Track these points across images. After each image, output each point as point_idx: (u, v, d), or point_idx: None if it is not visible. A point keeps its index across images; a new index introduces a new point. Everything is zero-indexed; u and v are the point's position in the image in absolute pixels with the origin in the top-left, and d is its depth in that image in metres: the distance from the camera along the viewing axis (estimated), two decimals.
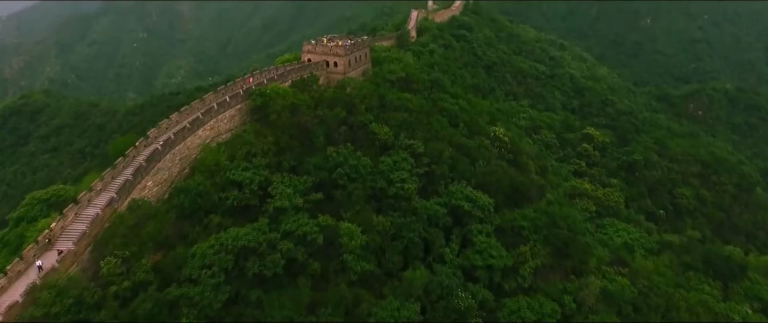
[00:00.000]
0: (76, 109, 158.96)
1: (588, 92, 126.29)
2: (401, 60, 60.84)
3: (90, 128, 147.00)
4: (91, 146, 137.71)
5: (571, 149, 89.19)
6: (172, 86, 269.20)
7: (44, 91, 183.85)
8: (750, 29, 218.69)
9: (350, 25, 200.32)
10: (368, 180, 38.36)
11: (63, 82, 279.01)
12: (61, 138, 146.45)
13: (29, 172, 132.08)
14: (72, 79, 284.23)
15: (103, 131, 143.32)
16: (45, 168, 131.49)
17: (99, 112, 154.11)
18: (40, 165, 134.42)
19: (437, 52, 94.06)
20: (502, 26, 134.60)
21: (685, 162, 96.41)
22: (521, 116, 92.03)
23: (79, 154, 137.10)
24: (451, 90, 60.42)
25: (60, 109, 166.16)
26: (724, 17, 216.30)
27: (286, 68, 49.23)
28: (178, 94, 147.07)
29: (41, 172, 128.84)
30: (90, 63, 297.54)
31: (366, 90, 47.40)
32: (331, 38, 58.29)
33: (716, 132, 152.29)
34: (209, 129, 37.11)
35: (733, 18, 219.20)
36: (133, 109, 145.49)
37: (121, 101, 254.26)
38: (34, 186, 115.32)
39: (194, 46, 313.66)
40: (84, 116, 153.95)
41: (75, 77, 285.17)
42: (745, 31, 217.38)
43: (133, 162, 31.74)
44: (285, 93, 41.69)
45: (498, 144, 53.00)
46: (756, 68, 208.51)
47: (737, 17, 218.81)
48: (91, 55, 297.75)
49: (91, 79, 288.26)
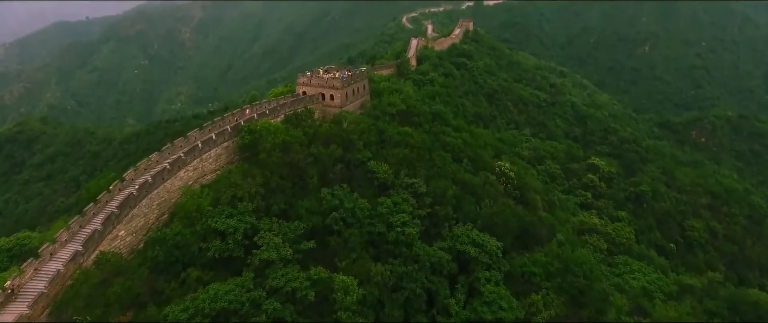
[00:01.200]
0: (72, 136, 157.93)
1: (590, 120, 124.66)
2: (401, 91, 58.43)
3: (85, 156, 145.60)
4: (86, 174, 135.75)
5: (576, 180, 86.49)
6: (172, 112, 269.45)
7: (41, 118, 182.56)
8: (748, 57, 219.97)
9: (350, 52, 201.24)
10: (366, 224, 35.01)
11: (63, 108, 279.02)
12: (55, 166, 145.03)
13: (22, 201, 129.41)
14: (72, 105, 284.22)
15: (98, 159, 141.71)
16: (38, 197, 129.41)
17: (95, 140, 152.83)
18: (34, 193, 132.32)
19: (438, 81, 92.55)
20: (503, 54, 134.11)
21: (693, 193, 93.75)
22: (524, 146, 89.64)
23: (73, 182, 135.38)
24: (454, 122, 57.65)
25: (56, 136, 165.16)
26: (721, 45, 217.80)
27: (278, 102, 46.31)
28: (175, 122, 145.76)
29: (34, 201, 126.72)
30: (91, 89, 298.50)
31: (364, 124, 44.80)
32: (327, 69, 55.87)
33: (720, 159, 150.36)
34: (192, 170, 34.02)
35: (730, 46, 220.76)
36: (129, 137, 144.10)
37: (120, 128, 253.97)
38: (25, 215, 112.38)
39: (195, 73, 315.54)
40: (79, 144, 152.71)
41: (75, 103, 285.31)
42: (742, 59, 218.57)
43: (105, 209, 28.62)
44: (276, 129, 38.73)
45: (504, 179, 50.02)
46: (756, 95, 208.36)
47: (734, 45, 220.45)
48: (92, 81, 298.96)
49: (92, 106, 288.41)
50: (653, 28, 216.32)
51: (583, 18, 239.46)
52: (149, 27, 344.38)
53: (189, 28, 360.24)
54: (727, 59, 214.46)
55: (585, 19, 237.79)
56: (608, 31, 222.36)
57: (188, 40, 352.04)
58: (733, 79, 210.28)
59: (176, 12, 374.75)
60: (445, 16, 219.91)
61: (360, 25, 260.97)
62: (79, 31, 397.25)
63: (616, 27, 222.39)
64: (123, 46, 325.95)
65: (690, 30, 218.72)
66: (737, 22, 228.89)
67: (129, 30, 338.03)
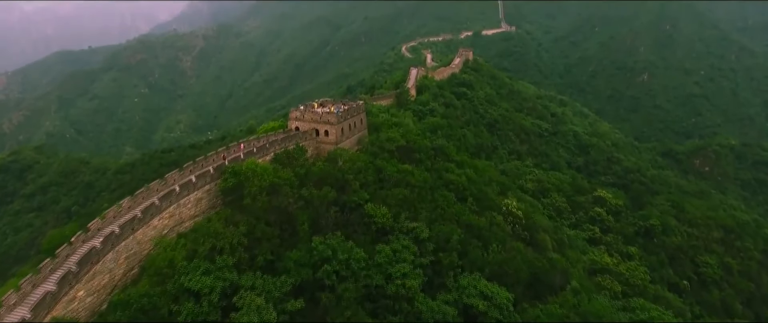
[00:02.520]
0: (66, 166, 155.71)
1: (593, 149, 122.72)
2: (401, 124, 55.68)
3: (78, 186, 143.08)
4: (78, 205, 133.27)
5: (583, 213, 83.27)
6: (171, 140, 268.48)
7: (35, 147, 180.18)
8: (746, 85, 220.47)
9: (349, 81, 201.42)
10: (362, 277, 31.29)
11: (61, 136, 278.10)
12: (47, 196, 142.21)
13: (11, 232, 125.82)
14: (71, 133, 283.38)
15: (91, 189, 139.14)
16: (28, 228, 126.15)
17: (89, 170, 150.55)
18: (24, 224, 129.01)
19: (438, 111, 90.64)
20: (503, 83, 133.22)
21: (705, 226, 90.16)
22: (528, 178, 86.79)
23: (64, 214, 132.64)
24: (457, 157, 54.59)
25: (49, 165, 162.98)
26: (719, 73, 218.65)
27: (268, 139, 43.31)
28: (171, 151, 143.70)
29: (24, 232, 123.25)
30: (90, 117, 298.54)
31: (361, 162, 41.59)
32: (322, 103, 53.02)
33: (725, 189, 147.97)
34: (168, 217, 30.55)
35: (728, 74, 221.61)
36: (123, 167, 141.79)
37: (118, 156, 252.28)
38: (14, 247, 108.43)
39: (195, 101, 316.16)
40: (73, 174, 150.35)
41: (74, 131, 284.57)
42: (741, 87, 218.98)
43: (64, 265, 25.19)
44: (264, 171, 35.28)
45: (511, 219, 46.64)
46: (756, 123, 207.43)
47: (732, 74, 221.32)
48: (91, 109, 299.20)
49: (90, 134, 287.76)
50: (651, 57, 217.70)
51: (581, 47, 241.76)
52: (151, 56, 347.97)
53: (190, 57, 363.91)
54: (726, 87, 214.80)
55: (582, 48, 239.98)
56: (606, 61, 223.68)
57: (189, 68, 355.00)
58: (732, 107, 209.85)
59: (177, 41, 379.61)
60: (443, 45, 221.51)
61: (359, 54, 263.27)
62: (81, 60, 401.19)
63: (613, 56, 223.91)
64: (124, 74, 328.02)
65: (687, 59, 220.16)
66: (734, 51, 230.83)
67: (130, 59, 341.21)
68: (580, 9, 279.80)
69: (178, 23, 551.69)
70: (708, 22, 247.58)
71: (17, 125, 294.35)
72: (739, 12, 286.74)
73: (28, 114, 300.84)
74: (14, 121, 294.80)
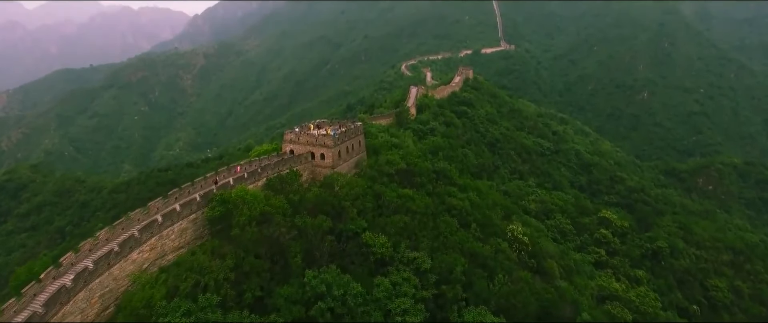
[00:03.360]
0: (61, 185, 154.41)
1: (595, 168, 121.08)
2: (401, 146, 53.80)
3: (73, 206, 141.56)
4: (72, 225, 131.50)
5: (588, 236, 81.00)
6: (170, 158, 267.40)
7: (32, 165, 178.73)
8: (746, 104, 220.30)
9: (349, 99, 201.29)
10: (359, 314, 28.87)
11: (60, 154, 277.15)
12: (41, 216, 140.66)
13: (3, 253, 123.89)
14: (69, 151, 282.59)
15: (86, 209, 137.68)
16: (20, 249, 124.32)
17: (84, 189, 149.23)
18: (16, 245, 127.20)
19: (439, 130, 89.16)
20: (503, 102, 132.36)
21: (714, 249, 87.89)
22: (531, 199, 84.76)
23: (58, 234, 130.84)
24: (459, 181, 52.53)
25: (45, 184, 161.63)
26: (719, 92, 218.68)
27: (260, 163, 41.20)
28: (168, 170, 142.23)
29: (16, 252, 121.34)
30: (89, 135, 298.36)
31: (359, 188, 39.41)
32: (318, 124, 50.90)
33: (730, 208, 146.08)
34: (148, 249, 28.18)
35: (728, 92, 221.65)
36: (119, 186, 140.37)
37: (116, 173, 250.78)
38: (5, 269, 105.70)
39: (194, 119, 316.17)
40: (68, 193, 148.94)
41: (73, 149, 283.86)
42: (741, 105, 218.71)
43: (30, 306, 22.94)
44: (254, 198, 33.12)
45: (517, 246, 44.37)
46: (758, 141, 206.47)
47: (732, 92, 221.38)
48: (90, 127, 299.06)
49: (89, 151, 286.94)
50: (650, 75, 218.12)
51: (580, 66, 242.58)
52: (151, 74, 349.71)
53: (191, 75, 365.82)
54: (726, 105, 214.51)
55: (581, 67, 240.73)
56: (606, 79, 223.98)
57: (189, 86, 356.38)
58: (733, 125, 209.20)
59: (178, 59, 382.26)
60: (443, 63, 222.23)
61: (359, 72, 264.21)
62: (83, 78, 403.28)
63: (613, 75, 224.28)
64: (124, 92, 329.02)
65: (687, 77, 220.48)
66: (733, 70, 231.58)
67: (131, 77, 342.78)
68: (578, 28, 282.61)
69: (180, 42, 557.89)
70: (706, 42, 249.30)
71: (16, 143, 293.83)
72: (736, 32, 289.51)
73: (27, 132, 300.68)
74: (13, 139, 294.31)
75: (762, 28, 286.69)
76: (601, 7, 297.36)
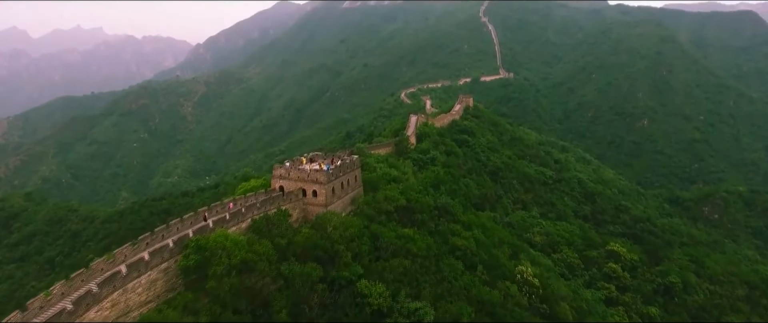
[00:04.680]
0: (53, 214, 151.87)
1: (599, 197, 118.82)
2: (400, 180, 51.45)
3: (64, 235, 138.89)
4: (62, 256, 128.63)
5: (596, 270, 77.97)
6: (168, 185, 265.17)
7: (25, 193, 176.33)
8: (746, 130, 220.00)
9: (348, 127, 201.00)
10: None
11: (57, 181, 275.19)
12: (31, 246, 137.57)
13: None
14: (67, 178, 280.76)
15: (77, 239, 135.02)
16: (8, 280, 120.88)
17: (77, 218, 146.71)
18: (4, 276, 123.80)
19: (439, 160, 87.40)
20: (504, 130, 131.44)
21: (728, 283, 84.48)
22: (535, 231, 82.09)
23: (47, 265, 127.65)
24: (463, 217, 49.94)
25: (37, 213, 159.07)
26: (719, 119, 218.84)
27: (245, 202, 38.13)
28: (162, 200, 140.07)
29: (4, 284, 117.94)
30: (87, 162, 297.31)
31: (354, 229, 36.26)
32: (311, 157, 47.96)
33: (737, 237, 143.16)
34: (109, 306, 24.43)
35: (728, 119, 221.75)
36: (112, 216, 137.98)
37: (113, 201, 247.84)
38: None
39: (194, 146, 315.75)
40: (60, 222, 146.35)
41: (70, 176, 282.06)
42: (742, 133, 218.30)
43: None
44: (235, 244, 29.57)
45: (527, 289, 41.54)
46: (761, 169, 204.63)
47: (732, 119, 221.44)
48: (89, 154, 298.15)
49: (87, 179, 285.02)
50: (649, 102, 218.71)
51: (578, 93, 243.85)
52: (152, 101, 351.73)
53: (191, 102, 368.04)
54: (727, 133, 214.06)
55: (580, 94, 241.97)
56: (605, 106, 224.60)
57: (190, 114, 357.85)
58: (735, 152, 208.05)
59: (179, 87, 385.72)
60: (442, 91, 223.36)
61: (358, 100, 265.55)
62: (84, 105, 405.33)
63: (612, 102, 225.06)
64: (124, 119, 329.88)
65: (686, 105, 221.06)
66: (732, 97, 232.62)
67: (132, 104, 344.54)
68: (576, 56, 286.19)
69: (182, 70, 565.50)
70: (704, 69, 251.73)
71: (13, 170, 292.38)
72: (732, 60, 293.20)
73: (25, 159, 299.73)
74: (11, 166, 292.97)
75: (757, 56, 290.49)
76: (597, 36, 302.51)
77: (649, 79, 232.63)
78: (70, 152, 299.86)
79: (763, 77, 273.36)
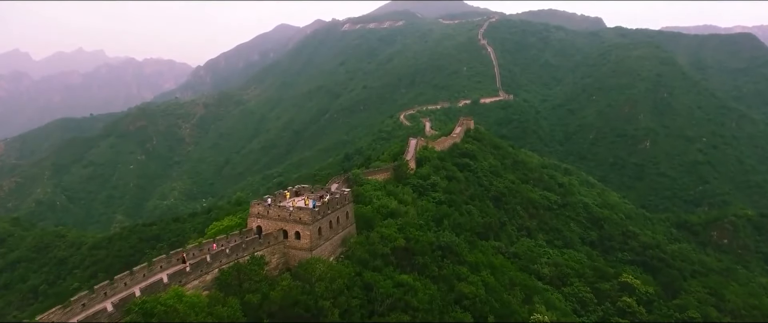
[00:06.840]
0: (40, 240, 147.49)
1: (606, 223, 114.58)
2: (398, 213, 47.06)
3: (50, 262, 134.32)
4: (46, 284, 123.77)
5: (610, 304, 73.05)
6: (164, 208, 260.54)
7: (13, 218, 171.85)
8: (750, 152, 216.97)
9: (347, 148, 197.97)
10: None
11: (51, 203, 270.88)
12: (15, 273, 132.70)
13: None
14: (61, 200, 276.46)
15: (63, 266, 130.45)
16: None
17: (64, 244, 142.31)
18: None
19: (440, 185, 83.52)
20: (507, 153, 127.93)
21: (750, 317, 79.47)
22: (543, 261, 77.59)
23: (31, 293, 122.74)
24: (470, 258, 45.05)
25: (23, 239, 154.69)
26: (722, 140, 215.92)
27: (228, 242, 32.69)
28: (153, 225, 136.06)
29: None
30: (83, 184, 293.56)
31: (343, 279, 30.94)
32: (297, 190, 42.18)
33: (748, 263, 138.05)
34: None
35: (731, 141, 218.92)
36: (100, 242, 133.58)
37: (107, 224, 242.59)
38: None
39: (191, 168, 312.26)
40: (46, 249, 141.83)
41: (65, 199, 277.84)
42: (745, 154, 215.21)
43: None
44: (191, 307, 23.90)
45: None
46: (766, 191, 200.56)
47: (735, 140, 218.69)
48: (85, 176, 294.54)
49: (82, 201, 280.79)
50: (651, 124, 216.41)
51: (579, 115, 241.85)
52: (150, 123, 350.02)
53: (189, 124, 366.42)
54: (731, 155, 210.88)
55: (580, 116, 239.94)
56: (606, 128, 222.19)
57: (188, 135, 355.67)
58: (739, 174, 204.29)
59: (178, 109, 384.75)
60: (442, 113, 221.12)
61: (357, 121, 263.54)
62: (82, 127, 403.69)
63: (613, 124, 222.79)
64: (122, 141, 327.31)
65: (688, 126, 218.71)
66: (734, 119, 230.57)
67: (130, 126, 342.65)
68: (575, 78, 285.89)
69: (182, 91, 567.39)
70: (705, 91, 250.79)
71: (8, 192, 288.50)
72: (732, 81, 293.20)
73: (20, 181, 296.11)
74: (5, 188, 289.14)
75: (757, 77, 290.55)
76: (596, 58, 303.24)
77: (650, 101, 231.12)
78: (65, 174, 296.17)
79: (763, 98, 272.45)
